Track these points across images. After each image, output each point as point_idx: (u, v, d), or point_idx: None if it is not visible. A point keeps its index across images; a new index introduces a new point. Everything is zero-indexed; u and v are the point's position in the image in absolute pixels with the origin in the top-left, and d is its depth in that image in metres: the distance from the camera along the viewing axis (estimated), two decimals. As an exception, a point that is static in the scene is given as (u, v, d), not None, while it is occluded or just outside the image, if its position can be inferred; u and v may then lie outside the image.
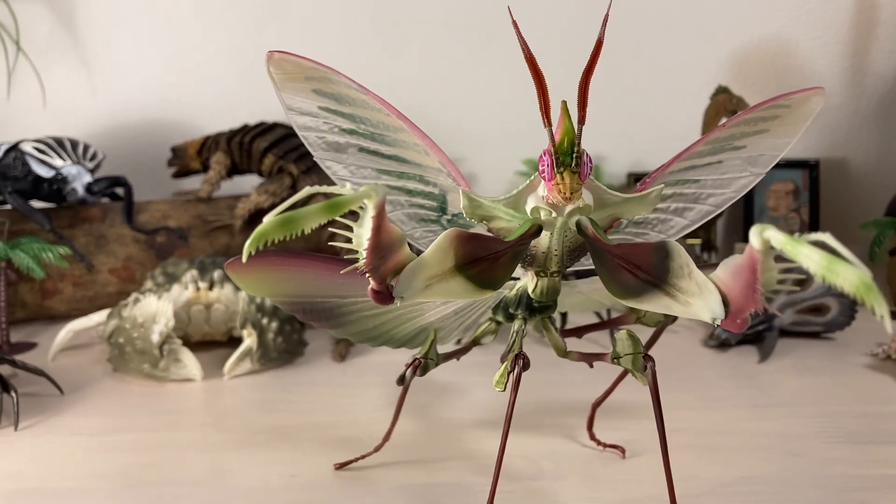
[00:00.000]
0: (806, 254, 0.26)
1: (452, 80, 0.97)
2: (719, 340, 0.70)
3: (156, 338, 0.61)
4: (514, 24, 0.32)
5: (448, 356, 0.43)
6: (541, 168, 0.34)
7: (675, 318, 0.46)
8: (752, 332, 0.70)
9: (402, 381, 0.41)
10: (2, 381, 0.55)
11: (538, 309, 0.42)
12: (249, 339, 0.63)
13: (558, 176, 0.34)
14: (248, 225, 0.79)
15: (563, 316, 0.71)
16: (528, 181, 0.36)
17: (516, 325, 0.43)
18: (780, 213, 0.95)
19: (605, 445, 0.51)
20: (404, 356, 0.44)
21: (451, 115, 0.98)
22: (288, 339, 0.66)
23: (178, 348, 0.62)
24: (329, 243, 0.30)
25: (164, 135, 0.93)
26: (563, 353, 0.43)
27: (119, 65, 0.95)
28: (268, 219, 0.26)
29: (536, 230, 0.35)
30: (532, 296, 0.42)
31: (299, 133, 0.38)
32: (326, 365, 0.68)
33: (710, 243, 0.85)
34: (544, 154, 0.34)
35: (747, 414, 0.57)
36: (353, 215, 0.30)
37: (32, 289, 0.74)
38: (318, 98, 0.38)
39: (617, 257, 0.34)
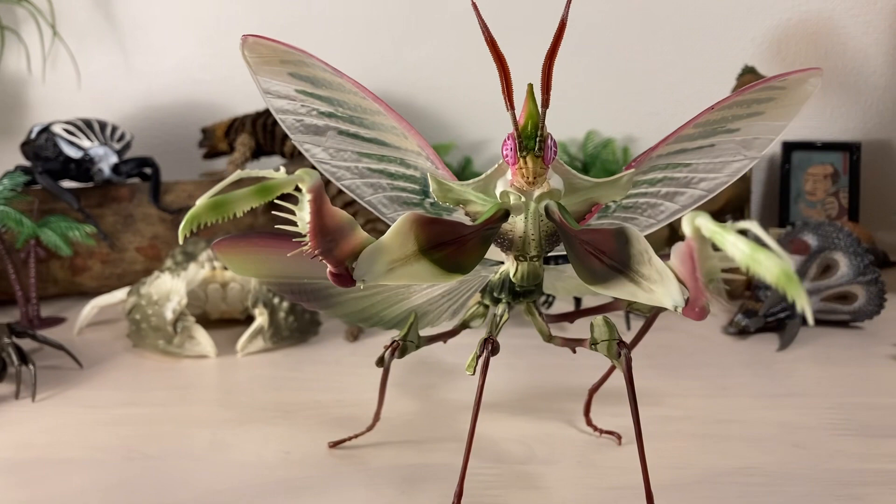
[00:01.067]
0: (732, 242, 0.25)
1: (484, 62, 0.96)
2: (739, 327, 0.68)
3: (169, 315, 0.62)
4: (474, 5, 0.32)
5: (433, 339, 0.43)
6: (504, 152, 0.34)
7: (629, 307, 0.45)
8: (773, 320, 0.68)
9: (381, 362, 0.41)
10: (21, 355, 0.58)
11: (521, 293, 0.42)
12: (261, 318, 0.64)
13: (521, 160, 0.33)
14: (270, 206, 0.80)
15: (578, 301, 0.71)
16: (497, 164, 0.36)
17: (500, 308, 0.43)
18: (818, 197, 0.91)
19: (601, 432, 0.51)
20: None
21: (481, 97, 0.97)
22: (300, 318, 0.67)
23: (192, 325, 0.63)
24: (275, 226, 0.30)
25: (196, 116, 0.95)
26: (548, 338, 0.43)
27: (153, 47, 0.97)
28: (200, 201, 0.26)
29: (503, 214, 0.35)
30: (513, 280, 0.41)
31: (276, 116, 0.39)
32: (338, 345, 0.68)
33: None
34: (508, 138, 0.34)
35: (756, 403, 0.56)
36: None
37: (63, 266, 0.77)
38: (295, 81, 0.38)
39: (583, 243, 0.34)
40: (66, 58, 0.93)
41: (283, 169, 0.29)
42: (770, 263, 0.23)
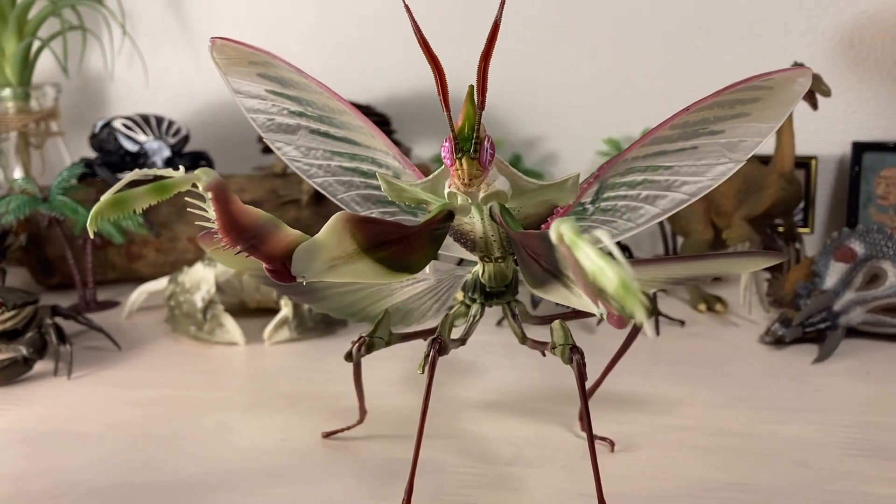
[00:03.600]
0: (584, 251, 0.24)
1: (532, 58, 0.96)
2: (775, 337, 0.65)
3: (199, 303, 0.66)
4: (407, 7, 0.32)
5: (409, 336, 0.44)
6: (443, 154, 0.34)
7: (654, 311, 0.44)
8: (813, 331, 0.65)
9: (349, 357, 0.42)
10: (61, 335, 0.62)
11: (494, 294, 0.42)
12: (286, 309, 0.66)
13: (457, 162, 0.33)
14: (314, 200, 0.83)
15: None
16: (444, 165, 0.36)
17: (473, 309, 0.43)
18: (891, 201, 0.86)
19: (595, 438, 0.50)
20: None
21: (531, 94, 0.96)
22: (325, 310, 0.68)
23: (221, 313, 0.66)
24: (196, 223, 0.32)
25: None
26: (522, 340, 0.43)
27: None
28: (104, 198, 0.28)
29: (446, 215, 0.35)
30: (482, 281, 0.41)
31: (247, 115, 0.40)
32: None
33: (791, 232, 0.79)
34: (446, 140, 0.34)
35: (771, 417, 0.53)
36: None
37: (120, 253, 0.82)
38: (264, 82, 0.39)
39: (522, 245, 0.33)
40: (145, 56, 0.99)
41: (182, 168, 0.30)
42: (612, 273, 0.23)
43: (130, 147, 0.79)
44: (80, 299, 0.77)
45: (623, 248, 0.79)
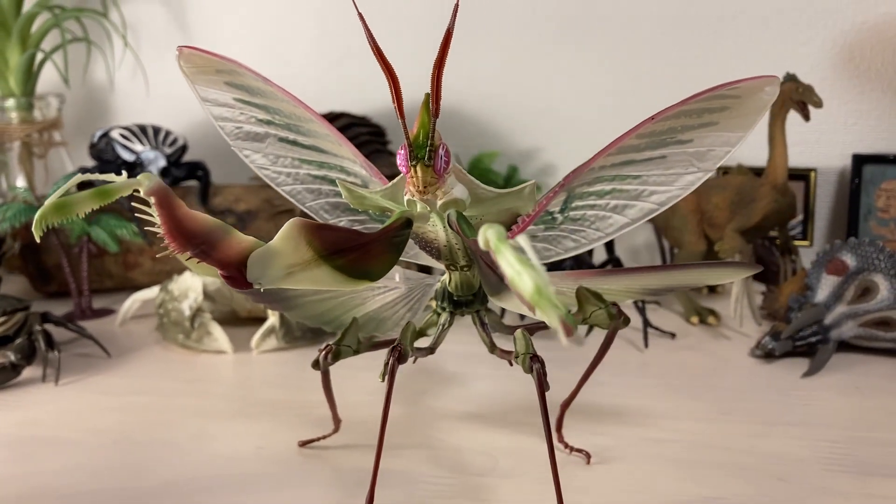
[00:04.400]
0: (505, 256, 0.24)
1: (529, 67, 0.96)
2: (765, 350, 0.64)
3: (186, 311, 0.66)
4: (360, 16, 0.32)
5: (379, 345, 0.44)
6: (398, 161, 0.34)
7: (626, 320, 0.43)
8: (804, 344, 0.64)
9: (316, 365, 0.42)
10: (49, 341, 0.63)
11: (462, 303, 0.42)
12: (273, 317, 0.67)
13: (412, 169, 0.33)
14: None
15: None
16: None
17: (442, 318, 0.43)
18: (892, 214, 0.85)
19: (571, 449, 0.49)
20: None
21: (528, 104, 0.96)
22: (313, 319, 0.69)
23: (208, 322, 0.67)
24: (145, 228, 0.32)
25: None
26: (491, 349, 0.43)
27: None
28: (47, 202, 0.28)
29: (404, 222, 0.35)
30: (449, 290, 0.41)
31: (215, 123, 0.40)
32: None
33: (787, 245, 0.78)
34: (401, 147, 0.34)
35: (754, 430, 0.52)
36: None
37: (116, 261, 0.83)
38: (232, 90, 0.40)
39: (477, 254, 0.33)
40: (147, 67, 1.00)
41: (125, 173, 0.30)
42: (527, 278, 0.22)
43: (127, 157, 0.80)
44: (76, 307, 0.78)
45: (615, 261, 0.78)
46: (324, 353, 0.41)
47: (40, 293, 0.84)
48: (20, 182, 0.89)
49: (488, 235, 0.25)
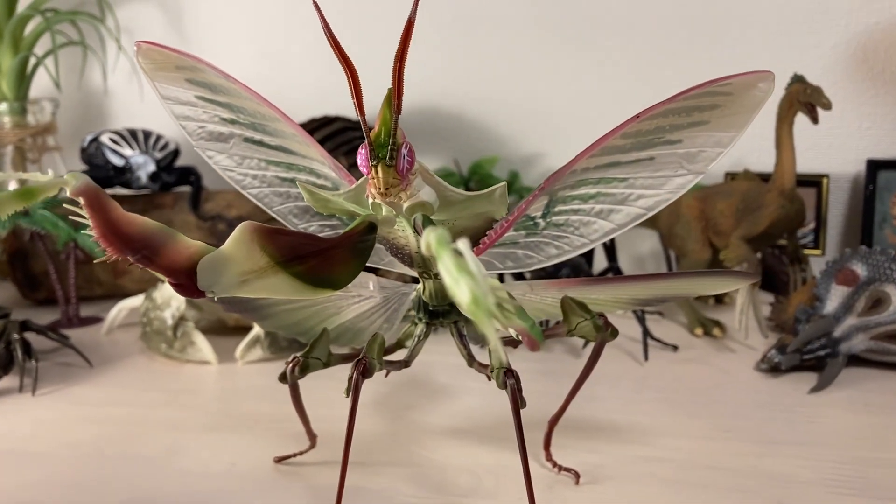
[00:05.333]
0: (444, 262, 0.21)
1: (532, 70, 0.93)
2: (770, 364, 0.61)
3: (169, 320, 0.64)
4: (316, 4, 0.30)
5: (349, 357, 0.41)
6: (359, 161, 0.32)
7: (614, 332, 0.41)
8: (811, 358, 0.61)
9: (283, 379, 0.40)
10: (27, 350, 0.61)
11: (438, 313, 0.39)
12: (258, 327, 0.65)
13: (373, 169, 0.31)
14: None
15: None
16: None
17: (418, 329, 0.40)
18: (907, 222, 0.81)
19: (560, 468, 0.47)
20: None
21: (533, 109, 0.94)
22: (300, 329, 0.66)
23: (191, 331, 0.65)
24: (83, 232, 0.30)
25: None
26: (470, 363, 0.40)
27: (218, 62, 1.02)
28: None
29: (367, 226, 0.33)
30: (424, 299, 0.39)
31: (177, 122, 0.38)
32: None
33: (796, 254, 0.75)
34: (362, 146, 0.31)
35: (756, 450, 0.49)
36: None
37: (105, 268, 0.81)
38: (193, 87, 0.38)
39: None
40: (139, 71, 0.99)
41: (51, 172, 0.28)
42: (464, 286, 0.20)
43: (117, 161, 0.78)
44: (63, 315, 0.76)
45: (616, 269, 0.75)
46: (291, 365, 0.39)
47: (29, 300, 0.83)
48: (12, 187, 0.88)
49: (430, 239, 0.22)
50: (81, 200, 0.28)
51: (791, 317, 0.68)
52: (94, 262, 0.33)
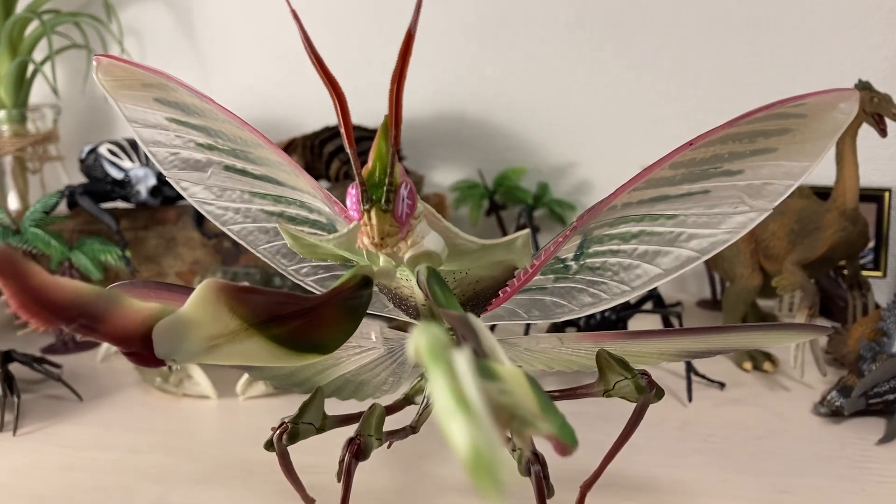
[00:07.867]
0: (437, 382, 0.15)
1: (564, 75, 0.87)
2: (831, 408, 0.54)
3: (163, 351, 0.59)
4: (294, 13, 0.24)
5: (350, 419, 0.35)
6: (349, 204, 0.26)
7: (660, 393, 0.35)
8: (879, 402, 0.54)
9: (269, 447, 0.34)
10: (10, 385, 0.56)
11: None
12: (260, 360, 0.59)
13: (365, 215, 0.25)
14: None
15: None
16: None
17: (427, 388, 0.34)
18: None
19: (593, 539, 0.40)
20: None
21: (562, 115, 0.87)
22: (306, 362, 0.61)
23: (188, 365, 0.59)
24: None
25: (269, 134, 0.92)
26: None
27: (232, 64, 0.96)
28: None
29: (360, 281, 0.27)
30: (432, 355, 0.33)
31: (146, 149, 0.33)
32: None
33: (857, 278, 0.67)
34: (351, 186, 0.25)
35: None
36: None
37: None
38: (163, 108, 0.32)
39: (447, 319, 0.25)
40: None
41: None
42: (462, 430, 0.14)
43: (116, 174, 0.73)
44: (57, 339, 0.71)
45: (657, 298, 0.69)
46: (278, 432, 0.33)
47: (23, 322, 0.78)
48: (12, 199, 0.83)
49: (418, 344, 0.16)
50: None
51: (852, 350, 0.61)
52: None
